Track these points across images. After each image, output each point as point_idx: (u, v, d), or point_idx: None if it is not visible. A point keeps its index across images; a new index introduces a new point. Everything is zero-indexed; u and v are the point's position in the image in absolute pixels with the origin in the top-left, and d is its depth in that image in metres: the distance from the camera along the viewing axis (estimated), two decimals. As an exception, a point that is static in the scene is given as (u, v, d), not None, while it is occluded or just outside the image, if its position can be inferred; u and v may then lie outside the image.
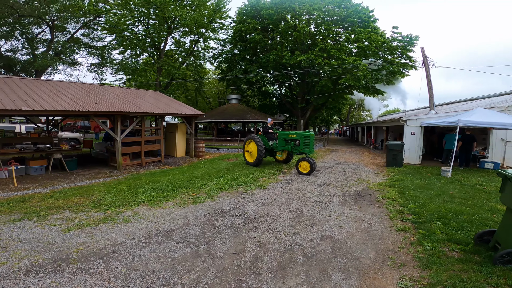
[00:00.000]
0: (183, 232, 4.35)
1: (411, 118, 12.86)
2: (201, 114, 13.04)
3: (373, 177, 9.11)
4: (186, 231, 4.39)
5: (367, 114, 55.43)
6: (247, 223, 4.73)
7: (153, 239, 4.08)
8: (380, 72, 24.18)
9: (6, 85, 8.81)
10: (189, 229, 4.50)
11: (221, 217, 5.09)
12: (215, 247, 3.83)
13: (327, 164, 12.29)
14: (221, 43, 29.59)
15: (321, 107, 30.76)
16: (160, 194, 6.63)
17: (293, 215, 5.07)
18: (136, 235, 4.22)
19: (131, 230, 4.40)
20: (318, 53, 22.34)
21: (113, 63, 26.70)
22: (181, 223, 4.76)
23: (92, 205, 5.77)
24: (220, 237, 4.18)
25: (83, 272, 3.16)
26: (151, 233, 4.30)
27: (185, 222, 4.81)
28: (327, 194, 6.62)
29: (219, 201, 6.10)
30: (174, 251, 3.69)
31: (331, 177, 8.95)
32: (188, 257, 3.54)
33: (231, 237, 4.18)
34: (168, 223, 4.75)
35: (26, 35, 20.74)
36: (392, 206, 5.66)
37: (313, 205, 5.67)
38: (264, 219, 4.91)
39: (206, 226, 4.63)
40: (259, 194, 6.69)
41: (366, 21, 23.32)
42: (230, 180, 8.21)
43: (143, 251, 3.68)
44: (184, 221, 4.86)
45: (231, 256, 3.58)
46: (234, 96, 31.20)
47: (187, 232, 4.36)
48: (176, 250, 3.72)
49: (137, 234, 4.24)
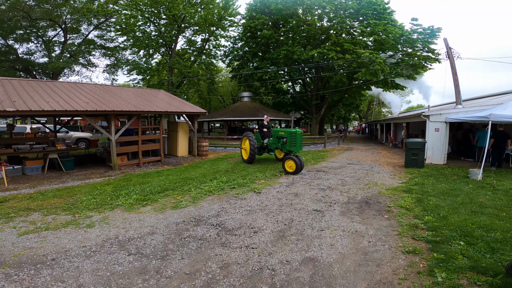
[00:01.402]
0: (142, 243, 3.83)
1: (435, 113, 11.48)
2: (203, 112, 12.48)
3: (387, 180, 8.03)
4: (146, 241, 3.87)
5: (387, 111, 52.64)
6: (221, 236, 4.02)
7: (106, 248, 3.69)
8: (400, 66, 22.54)
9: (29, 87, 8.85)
10: (151, 239, 3.96)
11: (194, 226, 4.43)
12: (169, 263, 3.26)
13: (338, 164, 11.26)
14: (231, 41, 29.09)
15: (337, 103, 29.33)
16: (142, 197, 6.09)
17: (278, 228, 4.26)
18: (90, 242, 3.87)
19: (87, 237, 4.06)
20: (331, 47, 21.18)
21: (127, 63, 27.01)
22: (146, 232, 4.22)
23: (65, 208, 5.45)
24: (182, 251, 3.57)
25: (6, 278, 2.95)
26: (108, 241, 3.90)
27: (152, 231, 4.26)
28: (328, 201, 5.73)
29: (202, 207, 5.43)
30: (119, 264, 3.26)
31: (338, 180, 7.99)
32: (131, 273, 3.06)
33: (194, 252, 3.54)
34: (132, 231, 4.25)
35: (42, 38, 21.33)
36: (405, 218, 4.67)
37: (307, 215, 4.82)
38: (243, 231, 4.17)
39: (173, 236, 4.04)
40: (250, 199, 5.94)
41: (381, 13, 21.93)
42: (224, 182, 7.53)
43: (86, 261, 3.34)
44: (151, 229, 4.32)
45: (182, 277, 2.93)
46: (246, 93, 30.55)
47: (147, 243, 3.83)
48: (123, 263, 3.28)
49: (91, 242, 3.88)
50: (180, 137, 12.49)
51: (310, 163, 11.46)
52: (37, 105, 7.45)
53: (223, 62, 31.76)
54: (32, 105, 7.41)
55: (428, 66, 23.13)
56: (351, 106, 35.36)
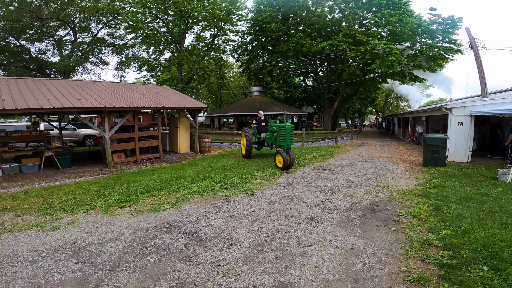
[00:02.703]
0: (98, 250, 3.47)
1: (458, 106, 10.29)
2: (204, 106, 11.96)
3: (401, 181, 7.13)
4: (104, 249, 3.49)
5: (406, 105, 50.01)
6: (189, 247, 3.47)
7: (57, 253, 3.43)
8: (419, 58, 21.07)
9: (24, 85, 8.65)
10: (110, 246, 3.60)
11: (165, 233, 3.93)
12: (115, 276, 2.85)
13: (347, 161, 10.38)
14: (240, 35, 28.46)
15: (350, 97, 27.97)
16: (123, 197, 5.67)
17: (259, 240, 3.62)
18: (44, 246, 3.63)
19: (45, 240, 3.82)
20: (342, 39, 20.04)
21: (136, 60, 27.04)
22: (109, 237, 3.83)
23: (40, 208, 5.18)
24: (137, 263, 3.13)
25: None
26: (63, 246, 3.64)
27: (116, 236, 3.86)
28: (327, 207, 4.99)
29: (183, 210, 4.89)
30: (61, 272, 2.99)
31: (344, 180, 7.18)
32: (67, 284, 2.77)
33: (150, 265, 3.07)
34: (95, 236, 3.93)
35: (53, 37, 21.60)
36: (416, 232, 3.87)
37: (297, 225, 4.13)
38: (216, 242, 3.57)
39: (135, 244, 3.60)
40: (239, 202, 5.32)
41: (396, 3, 20.58)
42: (217, 181, 6.96)
43: (28, 266, 3.12)
44: (116, 235, 3.91)
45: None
46: (256, 88, 29.84)
47: (103, 250, 3.45)
48: (65, 272, 3.00)
49: (46, 246, 3.64)
50: (181, 133, 12.05)
51: (317, 160, 10.67)
52: (25, 104, 7.21)
53: (232, 56, 31.18)
54: (20, 103, 7.17)
55: (450, 58, 21.65)
56: (366, 99, 33.70)
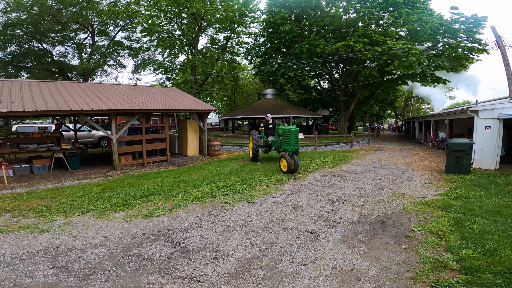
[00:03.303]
0: (79, 255, 3.37)
1: (485, 108, 9.46)
2: (212, 109, 11.79)
3: (419, 190, 6.53)
4: (84, 255, 3.38)
5: (428, 108, 47.70)
6: (172, 258, 3.24)
7: (37, 257, 3.36)
8: (441, 58, 20.00)
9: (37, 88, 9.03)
10: (92, 252, 3.48)
11: (152, 241, 3.73)
12: (84, 285, 2.76)
13: (361, 167, 9.78)
14: (252, 37, 28.39)
15: (367, 100, 26.95)
16: (121, 201, 5.55)
17: (249, 255, 3.28)
18: (27, 249, 3.58)
19: (30, 243, 3.77)
20: (357, 39, 19.34)
21: (152, 63, 27.64)
22: (95, 243, 3.75)
23: (37, 210, 5.15)
24: (113, 272, 2.97)
25: None
26: (46, 250, 3.56)
27: (101, 242, 3.73)
28: (332, 219, 4.55)
29: (177, 217, 4.66)
30: (32, 277, 2.91)
31: (355, 188, 6.68)
32: None
33: (126, 276, 2.88)
34: (81, 240, 3.83)
35: (73, 40, 22.52)
36: (431, 251, 3.37)
37: (295, 239, 3.74)
38: (202, 254, 3.29)
39: (118, 252, 3.44)
40: (237, 210, 5.01)
41: (414, 2, 19.66)
42: (220, 187, 6.69)
43: (4, 269, 3.07)
44: (102, 241, 3.78)
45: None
46: (269, 90, 29.52)
47: (83, 256, 3.33)
48: (37, 276, 2.92)
49: (29, 249, 3.59)
50: (189, 136, 11.96)
51: (328, 165, 10.14)
52: (33, 106, 7.34)
53: (246, 59, 31.13)
54: (28, 106, 7.31)
55: (475, 58, 20.39)
56: (384, 102, 32.42)
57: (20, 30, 18.65)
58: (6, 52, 20.05)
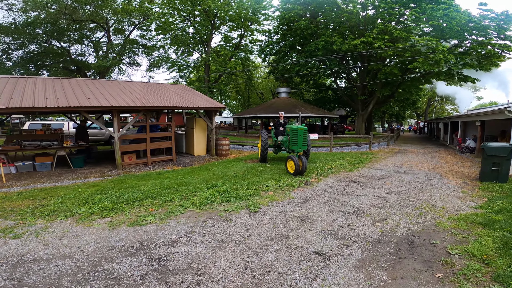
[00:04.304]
0: (40, 267, 2.97)
1: (526, 108, 8.26)
2: (221, 106, 11.21)
3: (452, 201, 5.61)
4: (47, 267, 2.96)
5: (453, 108, 44.87)
6: (146, 280, 2.70)
7: None
8: (469, 55, 18.59)
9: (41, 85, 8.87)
10: (56, 264, 3.04)
11: (128, 256, 3.21)
12: None
13: (381, 172, 8.84)
14: (266, 35, 27.74)
15: (387, 99, 25.50)
16: (111, 205, 5.08)
17: (239, 282, 2.63)
18: None
19: None
20: (377, 36, 18.22)
21: (166, 61, 27.61)
22: (65, 253, 3.33)
23: (21, 212, 4.80)
24: None
25: None
26: (9, 258, 3.19)
27: (72, 253, 3.34)
28: (347, 236, 3.79)
29: (166, 227, 4.09)
30: None
31: (376, 198, 5.83)
32: None
33: None
34: (50, 249, 3.42)
35: (90, 39, 22.76)
36: (474, 281, 2.58)
37: (300, 262, 3.04)
38: (183, 277, 2.71)
39: (85, 266, 3.01)
40: (236, 221, 4.35)
41: None
42: (222, 191, 6.08)
43: None
44: (73, 251, 3.37)
45: None
46: (284, 89, 28.70)
47: (45, 269, 2.92)
48: None
49: None
50: (196, 134, 11.45)
51: (345, 169, 9.28)
52: (32, 103, 7.08)
53: (260, 56, 30.47)
54: (27, 102, 7.05)
55: (506, 56, 18.76)
56: (405, 102, 30.60)
57: (39, 29, 18.98)
58: (26, 51, 20.51)
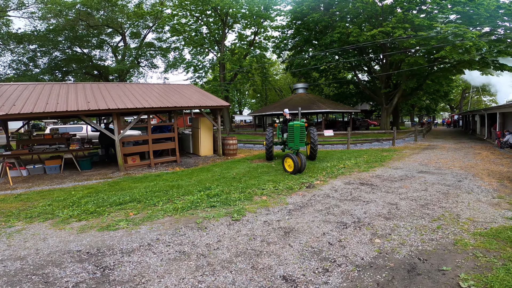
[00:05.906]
0: None
1: None
2: (225, 104, 10.79)
3: (482, 210, 4.60)
4: None
5: (490, 100, 40.56)
6: None
7: None
8: (503, 43, 16.68)
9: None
10: (5, 265, 3.06)
11: (77, 262, 3.08)
12: None
13: (401, 172, 7.79)
14: (279, 30, 27.08)
15: (414, 92, 23.52)
16: (93, 208, 4.99)
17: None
18: None
19: None
20: (396, 25, 16.83)
21: (182, 62, 27.96)
22: (17, 255, 3.30)
23: (8, 214, 4.94)
24: None
25: None
26: None
27: (26, 255, 3.30)
28: (331, 257, 3.13)
29: (135, 233, 3.87)
30: None
31: (386, 204, 4.98)
32: None
33: None
34: (9, 252, 3.41)
35: (109, 44, 23.62)
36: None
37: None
38: None
39: (30, 269, 2.99)
40: (211, 230, 3.89)
41: None
42: (212, 195, 5.66)
43: None
44: (29, 254, 3.35)
45: None
46: (301, 85, 27.76)
47: None
48: None
49: None
50: (202, 134, 11.16)
51: (358, 168, 8.33)
52: (32, 108, 7.24)
53: (275, 53, 29.76)
54: (27, 108, 7.19)
55: None
56: (436, 94, 28.04)
57: (60, 36, 19.99)
58: (51, 58, 21.76)
